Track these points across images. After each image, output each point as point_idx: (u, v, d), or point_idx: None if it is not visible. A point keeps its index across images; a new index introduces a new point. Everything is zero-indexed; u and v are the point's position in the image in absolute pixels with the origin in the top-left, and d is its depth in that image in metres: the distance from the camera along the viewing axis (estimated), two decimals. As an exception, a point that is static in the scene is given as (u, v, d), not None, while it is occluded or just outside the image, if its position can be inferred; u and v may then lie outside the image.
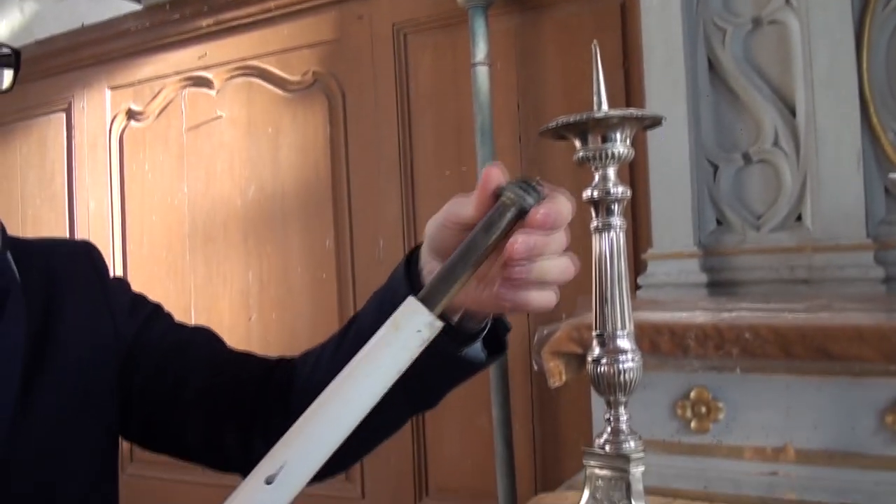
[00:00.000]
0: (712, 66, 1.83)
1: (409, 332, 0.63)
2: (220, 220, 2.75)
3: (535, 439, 2.19)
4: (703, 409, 1.33)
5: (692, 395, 1.34)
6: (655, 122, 0.96)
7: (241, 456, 0.89)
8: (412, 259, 0.78)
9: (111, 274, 0.95)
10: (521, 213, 0.65)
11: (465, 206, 0.68)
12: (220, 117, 2.73)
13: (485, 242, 0.66)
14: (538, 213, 0.64)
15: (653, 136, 1.77)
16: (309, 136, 2.57)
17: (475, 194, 0.67)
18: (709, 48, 1.82)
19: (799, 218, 1.73)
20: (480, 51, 2.09)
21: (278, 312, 2.65)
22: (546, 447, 2.19)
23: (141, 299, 0.96)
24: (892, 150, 1.66)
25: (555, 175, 2.14)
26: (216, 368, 0.92)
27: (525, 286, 0.67)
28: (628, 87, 2.08)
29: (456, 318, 0.75)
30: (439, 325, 0.63)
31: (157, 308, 0.97)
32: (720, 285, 1.76)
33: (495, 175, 0.66)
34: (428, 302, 0.64)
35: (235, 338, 2.68)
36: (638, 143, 0.81)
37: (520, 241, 0.63)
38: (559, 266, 0.68)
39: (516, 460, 2.10)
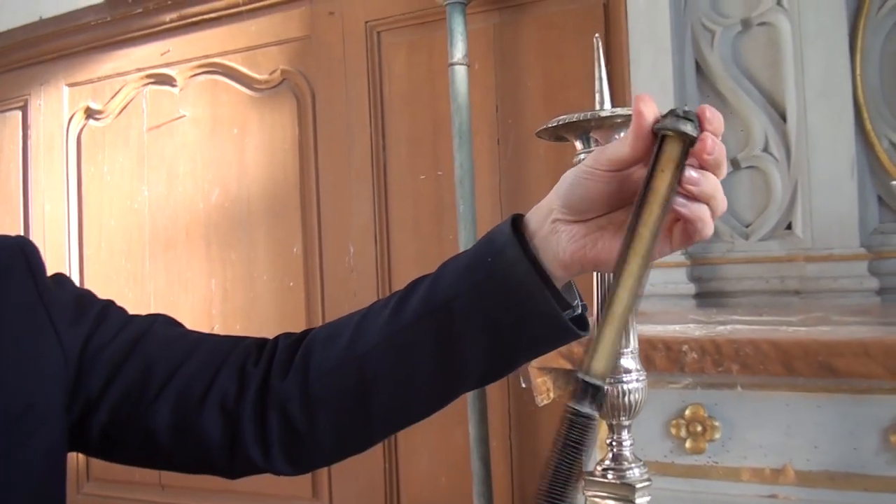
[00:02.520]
0: (700, 68, 1.79)
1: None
2: (181, 225, 2.66)
3: (512, 457, 2.13)
4: (699, 428, 1.28)
5: (687, 413, 1.29)
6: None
7: (224, 443, 0.82)
8: (516, 222, 0.75)
9: (48, 272, 0.85)
10: (690, 146, 0.65)
11: (620, 147, 0.67)
12: (182, 117, 2.64)
13: (667, 185, 0.65)
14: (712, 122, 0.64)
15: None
16: (276, 137, 2.49)
17: (630, 132, 0.66)
18: (696, 50, 1.78)
19: (789, 227, 1.70)
20: (458, 50, 2.03)
21: (243, 322, 2.57)
22: (524, 465, 2.13)
23: (86, 298, 0.87)
24: (887, 158, 1.63)
25: (535, 180, 2.09)
26: (183, 352, 0.84)
27: (700, 201, 0.66)
28: (611, 89, 2.02)
29: (565, 281, 0.75)
30: None
31: (107, 306, 0.87)
32: (708, 296, 1.72)
33: (651, 108, 0.66)
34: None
35: (198, 348, 2.60)
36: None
37: (708, 139, 0.63)
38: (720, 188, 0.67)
39: (493, 478, 2.04)
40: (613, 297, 0.66)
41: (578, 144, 0.90)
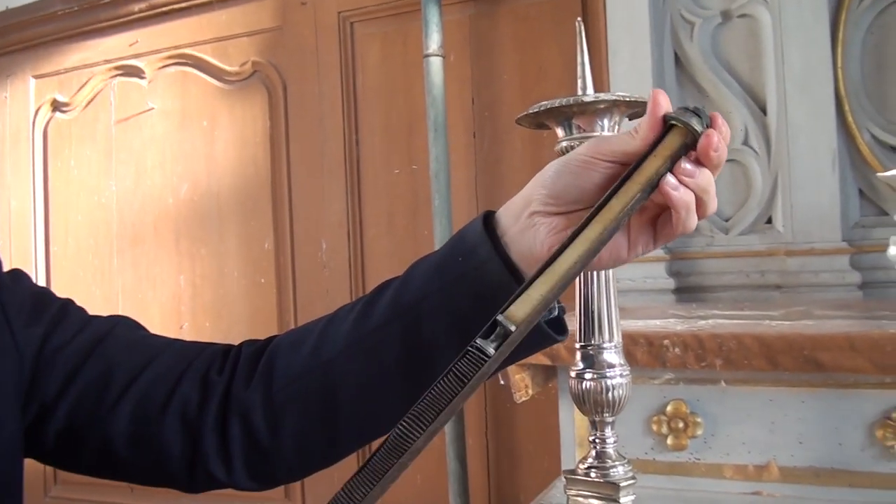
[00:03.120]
0: (679, 60, 1.77)
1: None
2: (150, 220, 2.61)
3: (489, 455, 2.10)
4: (681, 425, 1.25)
5: (668, 409, 1.26)
6: (645, 108, 0.87)
7: (185, 455, 0.78)
8: (488, 219, 0.71)
9: (4, 268, 0.81)
10: (692, 142, 0.63)
11: (628, 139, 0.65)
12: (151, 109, 2.59)
13: (656, 169, 0.63)
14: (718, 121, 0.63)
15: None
16: (247, 130, 2.45)
17: (644, 123, 0.64)
18: (676, 42, 1.76)
19: (769, 221, 1.68)
20: (434, 41, 1.99)
21: (213, 320, 2.52)
22: (500, 462, 2.09)
23: (44, 296, 0.83)
24: (868, 151, 1.61)
25: (512, 173, 2.07)
26: (145, 356, 0.80)
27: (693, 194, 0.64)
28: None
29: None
30: None
31: (66, 304, 0.83)
32: (687, 291, 1.70)
33: (665, 101, 0.64)
34: None
35: (167, 345, 2.53)
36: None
37: (714, 135, 0.61)
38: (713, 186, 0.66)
39: (469, 476, 2.00)
40: (560, 254, 0.62)
41: (560, 131, 0.87)
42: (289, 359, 0.78)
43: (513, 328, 0.60)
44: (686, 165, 0.63)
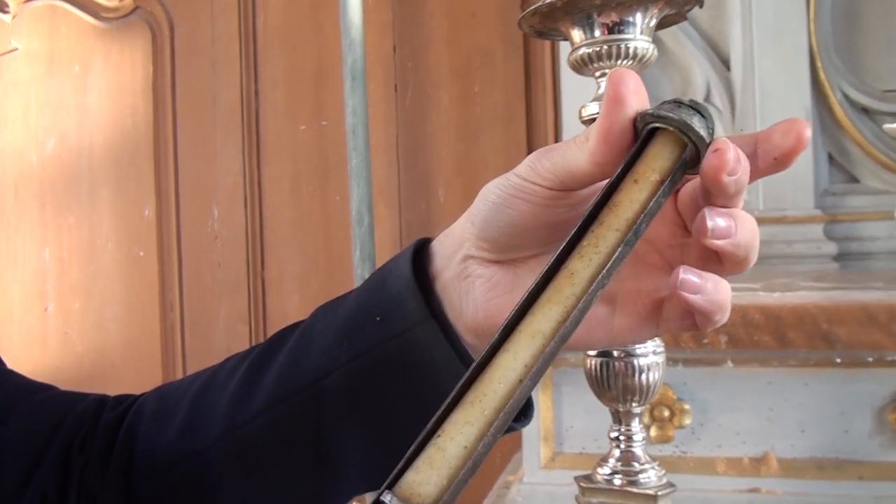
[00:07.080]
0: (633, 8, 1.66)
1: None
2: (9, 182, 2.37)
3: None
4: (666, 413, 1.14)
5: (652, 395, 1.14)
6: (687, 4, 0.70)
7: None
8: (420, 254, 0.53)
9: None
10: (692, 157, 0.43)
11: (574, 152, 0.44)
12: (15, 50, 2.35)
13: (637, 201, 0.42)
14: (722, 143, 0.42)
15: (565, 91, 1.59)
16: (126, 77, 2.25)
17: (596, 129, 0.43)
18: (629, -14, 1.65)
19: (733, 186, 1.59)
20: (347, -24, 1.83)
21: (83, 300, 2.31)
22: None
23: None
24: (841, 111, 1.54)
25: (437, 133, 1.92)
26: None
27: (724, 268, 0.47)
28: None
29: None
30: None
31: None
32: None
33: (638, 92, 0.43)
34: None
35: (27, 333, 2.32)
36: (547, 100, 0.60)
37: (731, 151, 0.41)
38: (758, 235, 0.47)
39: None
40: (482, 372, 0.39)
41: (577, 34, 0.69)
42: (151, 438, 0.60)
43: None
44: (716, 220, 0.44)
